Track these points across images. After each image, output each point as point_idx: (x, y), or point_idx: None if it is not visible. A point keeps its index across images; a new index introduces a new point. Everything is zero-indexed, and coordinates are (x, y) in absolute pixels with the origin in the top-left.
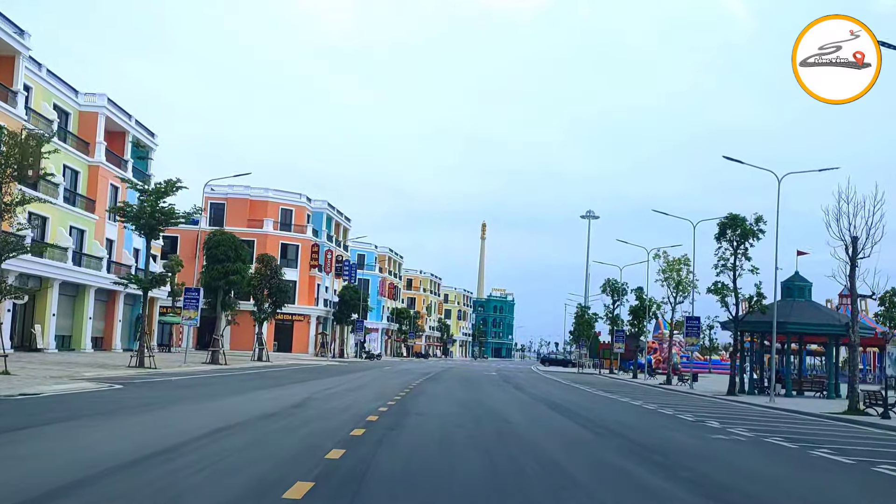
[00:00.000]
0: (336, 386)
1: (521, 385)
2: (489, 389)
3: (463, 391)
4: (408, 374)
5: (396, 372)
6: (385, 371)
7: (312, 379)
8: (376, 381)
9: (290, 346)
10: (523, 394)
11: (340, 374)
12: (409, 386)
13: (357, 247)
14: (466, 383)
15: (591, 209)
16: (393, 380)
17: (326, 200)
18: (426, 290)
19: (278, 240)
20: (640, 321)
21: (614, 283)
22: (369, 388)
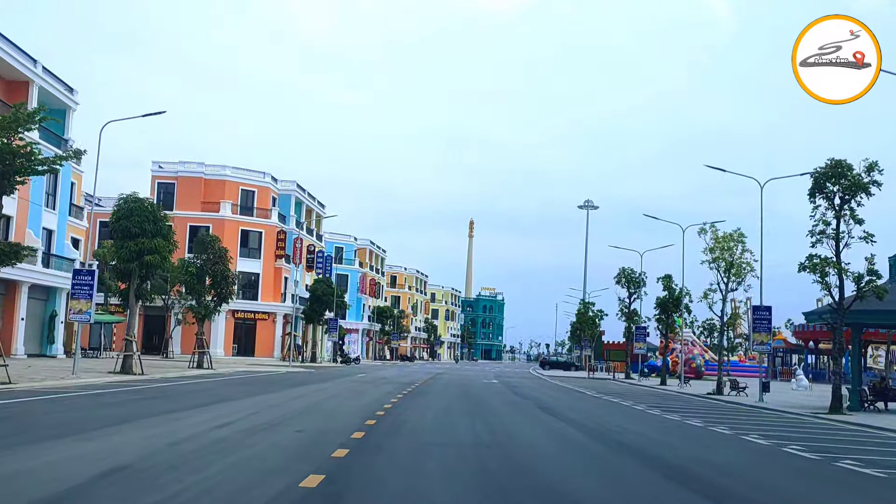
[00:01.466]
0: (246, 417)
1: (546, 403)
2: (506, 415)
3: (468, 422)
4: (384, 385)
5: (371, 382)
6: (355, 381)
7: (233, 398)
8: (328, 403)
9: (252, 349)
10: (567, 425)
11: (291, 386)
12: (379, 409)
13: (334, 238)
14: (467, 402)
15: (589, 199)
16: (358, 398)
17: (295, 181)
18: (412, 288)
19: (237, 225)
20: (668, 315)
21: (630, 273)
22: (306, 419)
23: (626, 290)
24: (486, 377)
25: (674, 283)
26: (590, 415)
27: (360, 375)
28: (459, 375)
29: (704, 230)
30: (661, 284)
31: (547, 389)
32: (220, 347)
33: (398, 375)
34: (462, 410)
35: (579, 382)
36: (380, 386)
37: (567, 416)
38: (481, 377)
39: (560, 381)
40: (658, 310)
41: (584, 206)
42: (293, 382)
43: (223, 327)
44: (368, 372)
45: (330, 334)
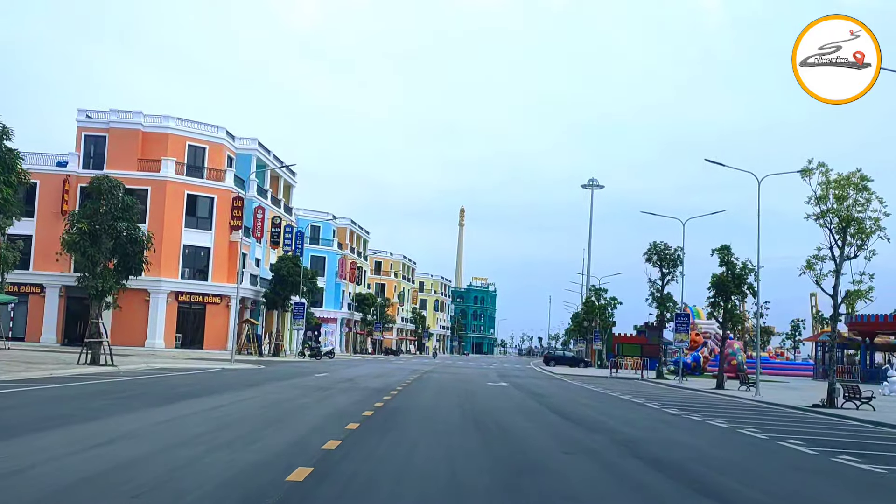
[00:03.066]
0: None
1: (633, 437)
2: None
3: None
4: (339, 397)
5: (323, 388)
6: (300, 386)
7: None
8: (137, 473)
9: (201, 340)
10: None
11: (168, 401)
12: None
13: (310, 216)
14: (488, 449)
15: (594, 178)
16: (254, 438)
17: (257, 139)
18: (398, 275)
19: (182, 188)
20: (727, 298)
21: (663, 249)
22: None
23: (659, 270)
24: (489, 377)
25: (734, 255)
26: (762, 479)
27: (320, 376)
28: (454, 375)
29: (810, 171)
30: (718, 258)
31: (586, 399)
32: (160, 338)
33: (372, 375)
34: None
35: (608, 384)
36: (331, 398)
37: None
38: (482, 377)
39: (583, 382)
40: (713, 291)
41: (587, 186)
42: (212, 389)
43: (163, 313)
44: (335, 370)
45: (296, 322)
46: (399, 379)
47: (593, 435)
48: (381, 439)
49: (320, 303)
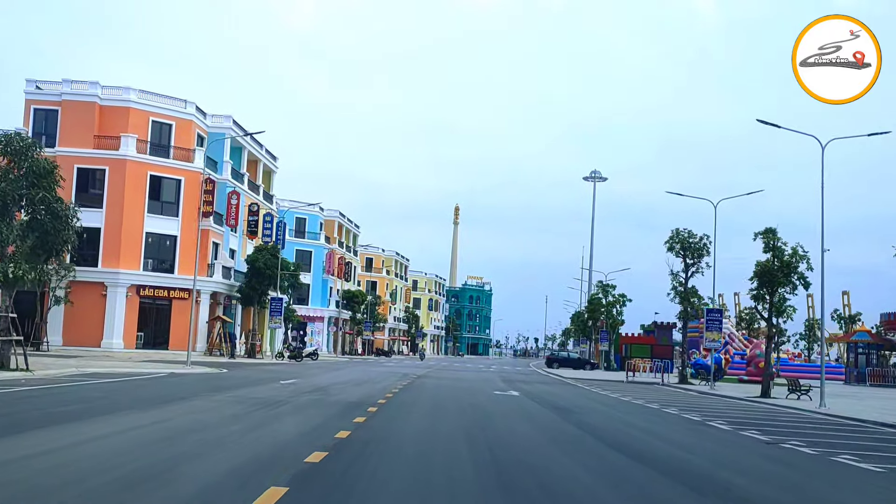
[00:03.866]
0: None
1: (746, 493)
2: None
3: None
4: (289, 420)
5: (272, 405)
6: (247, 401)
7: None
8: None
9: (166, 339)
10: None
11: (54, 423)
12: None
13: (296, 207)
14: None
15: (596, 170)
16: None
17: (231, 116)
18: (390, 273)
19: (145, 169)
20: (773, 290)
21: (688, 237)
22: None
23: (682, 261)
24: (493, 383)
25: (780, 239)
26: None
27: (286, 383)
28: (452, 381)
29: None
30: (762, 243)
31: (626, 414)
32: (118, 337)
33: (353, 382)
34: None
35: (630, 390)
36: (275, 422)
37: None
38: (486, 383)
39: (601, 388)
40: (756, 282)
41: (590, 178)
42: (70, 413)
43: (122, 309)
44: (311, 375)
45: (273, 319)
46: (384, 387)
47: (704, 500)
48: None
49: (306, 300)
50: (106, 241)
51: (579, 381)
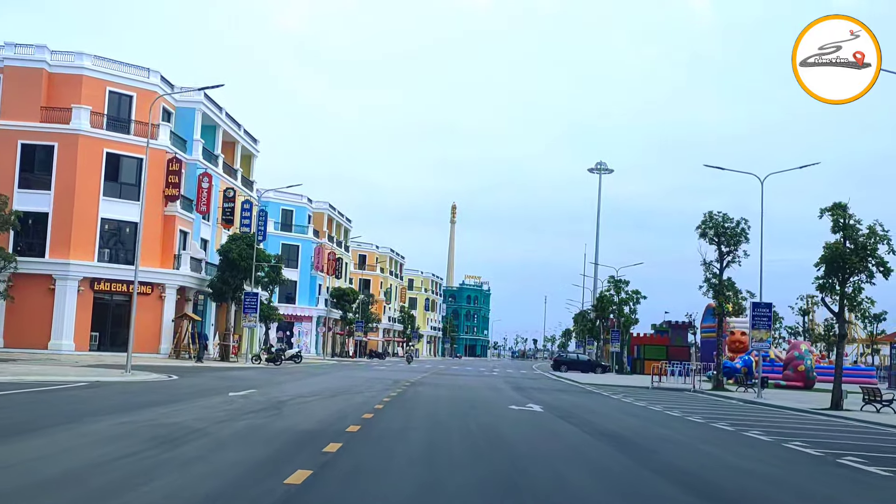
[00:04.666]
0: None
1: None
2: None
3: None
4: (156, 488)
5: (165, 444)
6: (121, 444)
7: None
8: None
9: (126, 340)
10: None
11: None
12: None
13: (282, 199)
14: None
15: (602, 161)
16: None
17: (204, 90)
18: (384, 270)
19: (100, 145)
20: (844, 278)
21: (722, 222)
22: None
23: (716, 249)
24: (503, 392)
25: (852, 216)
26: None
27: (233, 395)
28: (453, 390)
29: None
30: (830, 222)
31: (700, 441)
32: (68, 338)
33: (326, 394)
34: None
35: (666, 399)
36: (136, 488)
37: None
38: (494, 392)
39: (632, 397)
40: (824, 268)
41: (595, 170)
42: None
43: (73, 306)
44: (278, 384)
45: (247, 317)
46: (365, 401)
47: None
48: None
49: (294, 298)
50: (54, 228)
51: (599, 388)
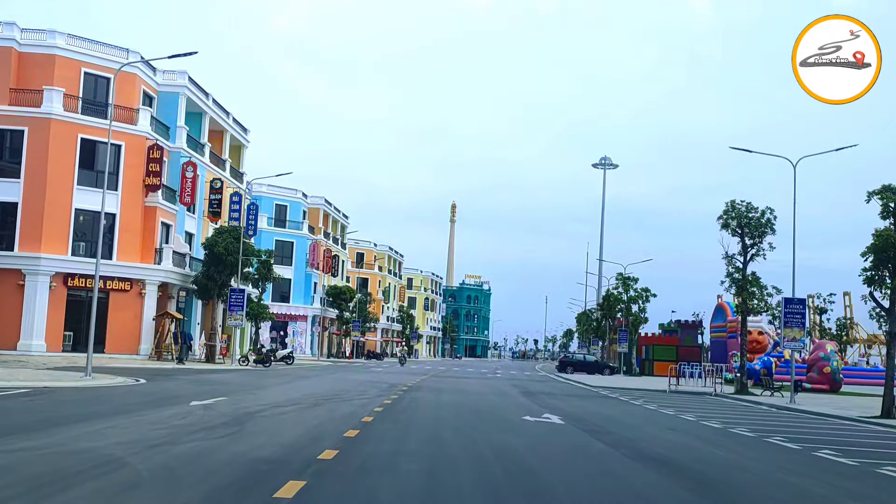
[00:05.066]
0: None
1: None
2: None
3: None
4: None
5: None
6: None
7: None
8: None
9: (102, 340)
10: None
11: None
12: None
13: (275, 193)
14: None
15: (607, 156)
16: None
17: (186, 72)
18: (382, 269)
19: (75, 130)
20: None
21: (746, 211)
22: None
23: (739, 241)
24: (513, 398)
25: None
26: None
27: (196, 406)
28: (456, 396)
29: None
30: (878, 206)
31: (776, 467)
32: (39, 338)
33: (308, 402)
34: None
35: (692, 405)
36: None
37: None
38: (502, 398)
39: (655, 403)
40: (871, 258)
41: (599, 165)
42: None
43: (44, 303)
44: (252, 390)
45: (232, 315)
46: (351, 412)
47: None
48: None
49: (288, 297)
50: (24, 220)
51: (613, 392)
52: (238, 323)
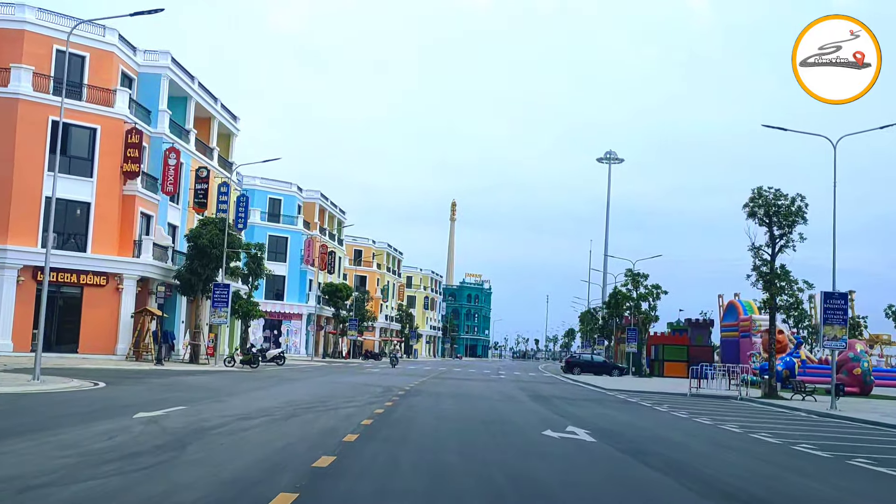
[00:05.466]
0: None
1: None
2: None
3: None
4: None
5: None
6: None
7: None
8: None
9: (76, 339)
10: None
11: None
12: None
13: (269, 186)
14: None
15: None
16: None
17: (169, 52)
18: (381, 266)
19: (45, 113)
20: None
21: (774, 199)
22: None
23: (767, 231)
24: (523, 404)
25: None
26: None
27: (140, 419)
28: (458, 404)
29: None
30: None
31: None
32: (6, 336)
33: (280, 414)
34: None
35: (718, 411)
36: None
37: None
38: (510, 405)
39: (678, 409)
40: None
41: (604, 160)
42: None
43: (10, 298)
44: (224, 396)
45: (216, 312)
46: (335, 425)
47: None
48: None
49: (282, 295)
50: None
51: (631, 396)
52: (222, 321)
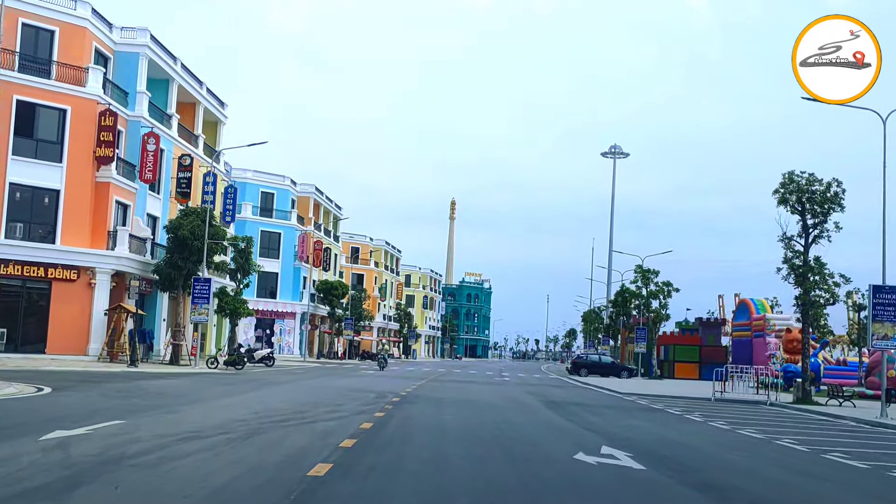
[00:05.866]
0: None
1: None
2: None
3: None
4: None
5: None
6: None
7: None
8: None
9: (43, 338)
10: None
11: None
12: None
13: (261, 180)
14: None
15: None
16: None
17: (147, 30)
18: (379, 265)
19: (10, 92)
20: None
21: (807, 184)
22: None
23: (800, 220)
24: (539, 414)
25: None
26: None
27: (46, 441)
28: (463, 412)
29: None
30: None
31: None
32: None
33: (239, 433)
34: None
35: (750, 418)
36: None
37: None
38: (525, 415)
39: (717, 419)
40: None
41: (608, 154)
42: None
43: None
44: (184, 406)
45: (196, 309)
46: (302, 449)
47: None
48: None
49: (275, 293)
50: None
51: (654, 401)
52: (203, 318)
